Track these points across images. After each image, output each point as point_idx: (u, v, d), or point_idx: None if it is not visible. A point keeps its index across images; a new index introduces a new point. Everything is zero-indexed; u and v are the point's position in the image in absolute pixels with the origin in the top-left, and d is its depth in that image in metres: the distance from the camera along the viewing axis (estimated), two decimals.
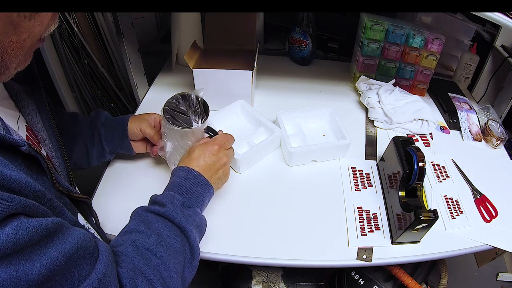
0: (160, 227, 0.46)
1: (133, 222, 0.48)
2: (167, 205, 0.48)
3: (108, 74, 1.52)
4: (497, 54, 0.98)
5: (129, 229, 0.47)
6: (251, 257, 0.58)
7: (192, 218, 0.49)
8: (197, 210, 0.52)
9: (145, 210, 0.49)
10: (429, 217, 0.53)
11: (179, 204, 0.49)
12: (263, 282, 0.76)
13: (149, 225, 0.46)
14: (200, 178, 0.54)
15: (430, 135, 0.86)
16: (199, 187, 0.54)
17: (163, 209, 0.48)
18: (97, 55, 1.44)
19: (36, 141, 0.45)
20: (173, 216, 0.47)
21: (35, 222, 0.29)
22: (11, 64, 0.36)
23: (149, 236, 0.45)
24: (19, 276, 0.27)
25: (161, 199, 0.49)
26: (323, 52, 1.19)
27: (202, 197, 0.54)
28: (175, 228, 0.47)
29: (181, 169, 0.55)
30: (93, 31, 1.37)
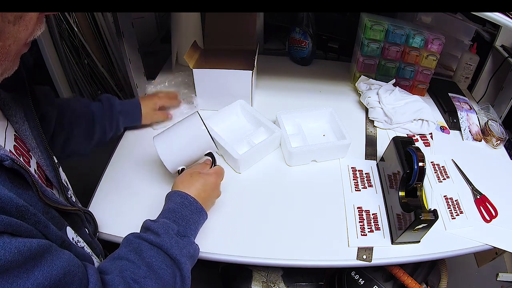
0: (151, 257, 0.45)
1: (123, 249, 0.46)
2: (162, 235, 0.47)
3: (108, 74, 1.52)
4: (497, 54, 0.98)
5: (119, 255, 0.45)
6: (251, 257, 0.58)
7: (186, 250, 0.48)
8: (192, 240, 0.51)
9: (137, 237, 0.47)
10: (429, 217, 0.53)
11: (174, 234, 0.48)
12: (263, 282, 0.76)
13: (140, 253, 0.45)
14: (196, 205, 0.53)
15: (430, 135, 0.86)
16: (194, 214, 0.53)
17: (157, 239, 0.46)
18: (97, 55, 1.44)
19: (25, 150, 0.44)
20: (167, 248, 0.46)
21: (18, 243, 0.29)
22: None
23: (139, 267, 0.43)
24: None
25: (156, 228, 0.48)
26: (323, 52, 1.19)
27: (196, 225, 0.53)
28: (168, 259, 0.46)
29: (177, 194, 0.53)
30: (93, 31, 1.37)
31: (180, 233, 0.49)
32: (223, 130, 0.79)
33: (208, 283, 1.09)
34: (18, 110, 0.45)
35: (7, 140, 0.41)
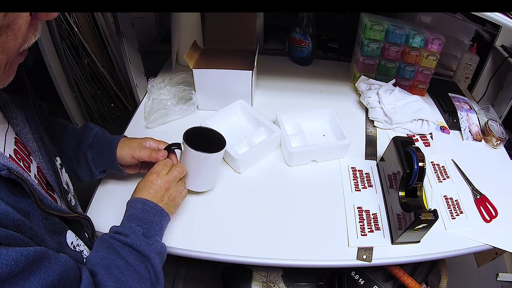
0: (126, 254, 0.47)
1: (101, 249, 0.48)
2: (130, 235, 0.49)
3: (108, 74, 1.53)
4: (497, 54, 0.98)
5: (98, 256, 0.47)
6: (251, 257, 0.58)
7: (154, 246, 0.50)
8: (158, 239, 0.53)
9: (110, 237, 0.49)
10: (429, 217, 0.53)
11: (141, 235, 0.50)
12: (263, 282, 0.76)
13: (116, 251, 0.47)
14: (157, 208, 0.54)
15: (430, 135, 0.86)
16: (156, 216, 0.54)
17: (127, 239, 0.48)
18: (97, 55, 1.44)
19: (26, 154, 0.44)
20: (137, 245, 0.48)
21: (15, 254, 0.29)
22: None
23: (119, 262, 0.46)
24: None
25: (123, 230, 0.50)
26: (323, 52, 1.19)
27: (160, 226, 0.55)
28: (140, 256, 0.48)
29: (137, 201, 0.54)
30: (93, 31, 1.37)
31: (145, 234, 0.51)
32: (223, 130, 0.78)
33: (208, 283, 1.09)
34: (19, 113, 0.44)
35: (7, 144, 0.41)
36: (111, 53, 1.48)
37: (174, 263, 1.12)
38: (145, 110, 0.87)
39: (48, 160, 0.47)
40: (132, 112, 0.90)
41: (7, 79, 0.36)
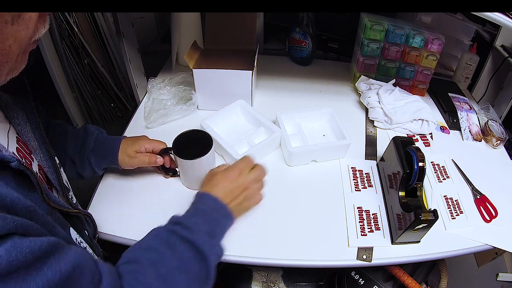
0: (183, 251, 0.45)
1: (153, 241, 0.46)
2: (195, 231, 0.47)
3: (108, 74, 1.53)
4: (497, 54, 0.98)
5: (149, 246, 0.46)
6: (251, 257, 0.58)
7: (215, 250, 0.49)
8: (220, 242, 0.52)
9: (168, 230, 0.48)
10: (429, 217, 0.53)
11: (206, 233, 0.48)
12: (263, 282, 0.76)
13: (172, 247, 0.45)
14: (226, 210, 0.53)
15: (430, 135, 0.86)
16: (224, 219, 0.53)
17: (190, 235, 0.46)
18: (97, 55, 1.44)
19: (27, 152, 0.45)
20: (200, 243, 0.46)
21: (30, 243, 0.29)
22: (1, 71, 0.34)
23: (170, 259, 0.44)
24: None
25: (188, 223, 0.48)
26: (323, 52, 1.19)
27: (225, 230, 0.54)
28: (198, 256, 0.46)
29: (209, 197, 0.53)
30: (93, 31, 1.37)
31: (211, 234, 0.50)
32: (223, 130, 0.79)
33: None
34: (20, 112, 0.45)
35: (10, 143, 0.41)
36: (111, 53, 1.48)
37: None
38: (145, 110, 0.87)
39: (48, 158, 0.48)
40: (132, 112, 0.90)
41: (20, 67, 0.37)
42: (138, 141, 0.65)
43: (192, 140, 0.66)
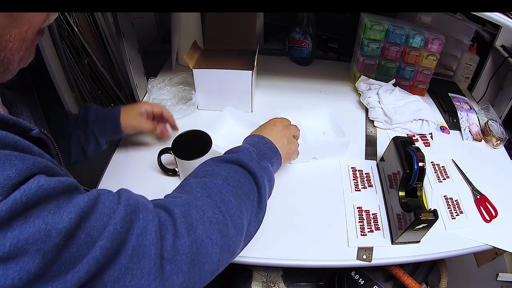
0: (230, 172, 0.45)
1: (200, 169, 0.48)
2: (241, 151, 0.49)
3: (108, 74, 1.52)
4: (497, 54, 0.98)
5: (196, 174, 0.47)
6: (251, 257, 0.58)
7: (264, 170, 0.49)
8: (269, 166, 0.52)
9: (215, 160, 0.49)
10: (429, 217, 0.53)
11: (255, 155, 0.50)
12: (263, 282, 0.76)
13: (217, 171, 0.46)
14: (271, 145, 0.55)
15: (430, 135, 0.86)
16: (270, 151, 0.55)
17: (236, 155, 0.48)
18: (97, 55, 1.44)
19: None
20: (246, 161, 0.47)
21: (57, 179, 0.30)
22: (14, 59, 0.35)
23: (216, 177, 0.44)
24: (48, 229, 0.27)
25: (235, 149, 0.50)
26: (323, 52, 1.19)
27: (271, 161, 0.54)
28: (246, 174, 0.46)
29: (254, 135, 0.57)
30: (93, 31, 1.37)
31: (259, 156, 0.51)
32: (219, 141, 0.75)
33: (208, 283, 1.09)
34: (24, 109, 0.46)
35: None
36: (111, 53, 1.48)
37: None
38: None
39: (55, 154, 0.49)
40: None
41: (29, 57, 0.38)
42: (138, 104, 0.70)
43: (192, 140, 0.67)
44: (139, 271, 0.32)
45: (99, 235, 0.31)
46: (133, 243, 0.32)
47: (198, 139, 0.67)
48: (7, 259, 0.26)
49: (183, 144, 0.65)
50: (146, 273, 0.32)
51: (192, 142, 0.66)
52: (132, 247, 0.32)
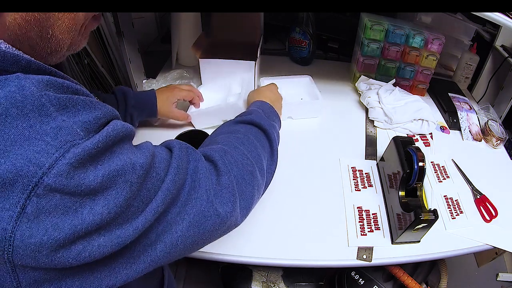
0: (247, 130, 0.52)
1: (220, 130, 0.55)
2: (253, 113, 0.57)
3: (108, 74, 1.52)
4: (497, 54, 0.98)
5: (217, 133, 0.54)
6: (251, 257, 0.58)
7: (273, 127, 0.57)
8: (275, 124, 0.61)
9: (231, 123, 0.56)
10: (429, 217, 0.53)
11: (264, 115, 0.58)
12: (263, 282, 0.76)
13: (237, 129, 0.53)
14: (273, 109, 0.65)
15: (430, 135, 0.86)
16: (272, 114, 0.64)
17: (249, 116, 0.55)
18: (97, 55, 1.44)
19: None
20: (259, 120, 0.54)
21: (129, 125, 0.33)
22: (64, 41, 0.34)
23: (237, 133, 0.51)
24: (133, 162, 0.31)
25: (246, 112, 0.58)
26: (323, 52, 1.19)
27: (275, 122, 0.62)
28: (260, 131, 0.54)
29: (256, 101, 0.66)
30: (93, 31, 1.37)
31: (266, 116, 0.59)
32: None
33: (208, 283, 1.09)
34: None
35: None
36: (111, 53, 1.48)
37: (174, 263, 1.12)
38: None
39: None
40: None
41: (82, 43, 0.38)
42: (173, 93, 0.75)
43: (192, 140, 0.67)
44: (198, 200, 0.37)
45: (165, 172, 0.34)
46: (189, 180, 0.37)
47: (198, 139, 0.66)
48: (96, 192, 0.28)
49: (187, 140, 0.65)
50: (204, 201, 0.37)
51: (192, 142, 0.66)
52: (189, 183, 0.37)
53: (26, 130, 0.25)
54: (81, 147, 0.26)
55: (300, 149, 0.79)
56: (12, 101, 0.26)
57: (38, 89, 0.27)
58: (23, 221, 0.25)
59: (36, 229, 0.25)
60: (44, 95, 0.27)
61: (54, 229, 0.26)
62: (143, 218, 0.31)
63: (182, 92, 0.76)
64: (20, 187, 0.24)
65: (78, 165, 0.26)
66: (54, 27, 0.33)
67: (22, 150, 0.25)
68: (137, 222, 0.30)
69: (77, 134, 0.27)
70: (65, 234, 0.26)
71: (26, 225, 0.25)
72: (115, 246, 0.29)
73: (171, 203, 0.34)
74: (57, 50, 0.35)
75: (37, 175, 0.25)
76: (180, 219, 0.35)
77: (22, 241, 0.25)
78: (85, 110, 0.29)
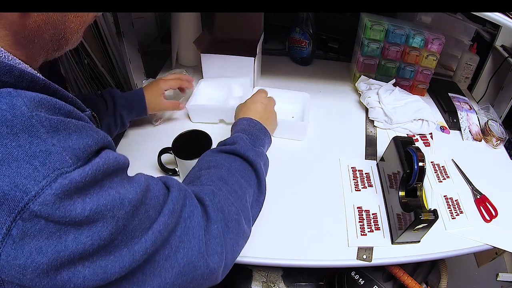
0: (231, 162, 0.49)
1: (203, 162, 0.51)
2: (237, 142, 0.52)
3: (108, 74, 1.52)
4: (497, 54, 0.98)
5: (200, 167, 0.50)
6: (251, 257, 0.58)
7: (260, 156, 0.53)
8: (263, 150, 0.56)
9: (214, 152, 0.53)
10: (429, 217, 0.53)
11: (248, 143, 0.54)
12: (263, 282, 0.76)
13: (220, 162, 0.49)
14: (260, 126, 0.60)
15: (430, 135, 0.86)
16: (261, 133, 0.59)
17: (232, 146, 0.51)
18: (97, 55, 1.44)
19: None
20: (243, 151, 0.51)
21: (122, 156, 0.33)
22: (71, 39, 0.36)
23: (221, 169, 0.48)
24: (122, 198, 0.30)
25: (230, 140, 0.54)
26: (323, 52, 1.19)
27: (263, 143, 0.59)
28: (245, 163, 0.51)
29: (243, 119, 0.60)
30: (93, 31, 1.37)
31: (252, 143, 0.55)
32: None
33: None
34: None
35: None
36: (111, 53, 1.47)
37: None
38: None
39: None
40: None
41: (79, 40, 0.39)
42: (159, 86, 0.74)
43: (192, 140, 0.67)
44: (190, 249, 0.35)
45: (158, 212, 0.34)
46: (182, 225, 0.36)
47: (198, 139, 0.67)
48: (82, 224, 0.27)
49: (183, 144, 0.65)
50: (196, 251, 0.36)
51: (192, 142, 0.67)
52: (182, 228, 0.36)
53: (15, 149, 0.25)
54: (68, 178, 0.26)
55: (300, 149, 0.79)
56: (2, 120, 0.26)
57: (29, 109, 0.27)
58: (8, 243, 0.25)
59: (21, 252, 0.25)
60: (35, 115, 0.27)
61: (37, 253, 0.26)
62: (130, 257, 0.30)
63: (168, 82, 0.76)
64: (7, 210, 0.25)
65: (64, 196, 0.26)
66: (67, 29, 0.35)
67: (10, 171, 0.25)
68: (123, 259, 0.30)
69: (66, 161, 0.27)
70: (48, 258, 0.26)
71: (11, 247, 0.25)
72: (100, 281, 0.29)
73: (161, 246, 0.33)
74: (63, 48, 0.37)
75: (23, 201, 0.25)
76: (170, 266, 0.34)
77: (8, 261, 0.25)
78: (76, 135, 0.29)
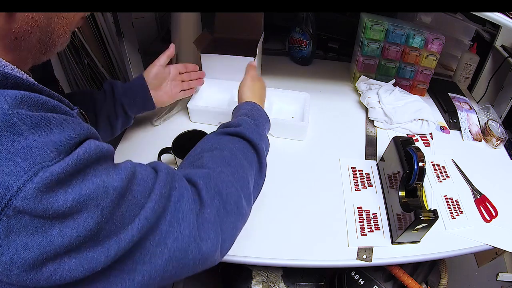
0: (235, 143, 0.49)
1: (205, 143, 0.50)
2: (242, 125, 0.52)
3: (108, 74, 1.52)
4: (497, 54, 0.98)
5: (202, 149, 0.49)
6: (251, 257, 0.58)
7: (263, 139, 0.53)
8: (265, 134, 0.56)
9: (217, 133, 0.52)
10: (429, 217, 0.53)
11: (252, 125, 0.53)
12: (263, 282, 0.76)
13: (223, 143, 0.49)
14: (262, 111, 0.60)
15: (430, 135, 0.86)
16: (262, 118, 0.58)
17: (238, 128, 0.51)
18: (97, 55, 1.44)
19: None
20: (248, 134, 0.50)
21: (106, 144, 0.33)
22: (58, 41, 0.36)
23: (223, 150, 0.47)
24: (106, 186, 0.29)
25: (235, 122, 0.53)
26: (323, 52, 1.19)
27: (264, 128, 0.58)
28: (249, 146, 0.50)
29: (246, 103, 0.60)
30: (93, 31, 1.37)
31: (255, 125, 0.55)
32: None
33: (208, 284, 1.09)
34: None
35: None
36: (111, 53, 1.48)
37: None
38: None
39: None
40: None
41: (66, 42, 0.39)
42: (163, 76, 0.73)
43: (192, 140, 0.67)
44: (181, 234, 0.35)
45: (146, 197, 0.33)
46: (172, 209, 0.35)
47: (198, 139, 0.67)
48: (66, 216, 0.27)
49: (183, 144, 0.65)
50: (187, 236, 0.35)
51: (192, 142, 0.66)
52: (171, 212, 0.35)
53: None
54: (49, 171, 0.26)
55: (300, 150, 0.79)
56: None
57: (10, 107, 0.27)
58: None
59: (7, 248, 0.25)
60: (16, 113, 0.27)
61: (23, 249, 0.26)
62: (116, 245, 0.30)
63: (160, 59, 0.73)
64: None
65: (45, 189, 0.26)
66: (53, 31, 0.35)
67: None
68: (110, 248, 0.29)
69: (47, 155, 0.27)
70: (34, 254, 0.26)
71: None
72: (86, 271, 0.28)
73: (150, 232, 0.33)
74: (51, 50, 0.37)
75: (6, 197, 0.25)
76: (160, 252, 0.33)
77: None
78: (58, 129, 0.29)
